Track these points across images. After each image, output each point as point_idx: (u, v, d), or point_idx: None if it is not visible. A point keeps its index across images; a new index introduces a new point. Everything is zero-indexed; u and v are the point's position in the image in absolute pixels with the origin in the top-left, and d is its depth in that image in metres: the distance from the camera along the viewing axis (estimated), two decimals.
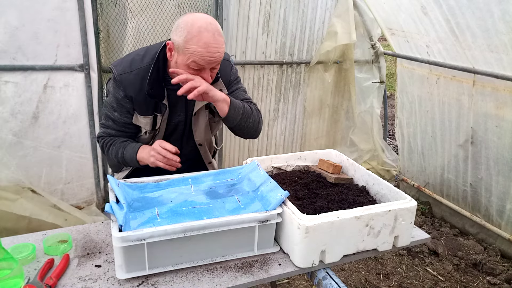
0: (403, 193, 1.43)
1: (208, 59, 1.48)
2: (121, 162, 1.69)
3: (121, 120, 1.68)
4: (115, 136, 1.71)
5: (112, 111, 1.67)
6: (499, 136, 2.85)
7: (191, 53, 1.47)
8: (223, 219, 1.24)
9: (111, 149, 1.69)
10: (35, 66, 2.68)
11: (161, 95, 1.62)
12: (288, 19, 3.53)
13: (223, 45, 1.52)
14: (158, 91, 1.61)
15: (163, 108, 1.65)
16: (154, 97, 1.60)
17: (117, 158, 1.68)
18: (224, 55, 1.74)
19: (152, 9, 2.88)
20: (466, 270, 2.87)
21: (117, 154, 1.67)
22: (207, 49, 1.46)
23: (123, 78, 1.60)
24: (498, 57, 2.66)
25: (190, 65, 1.50)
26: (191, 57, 1.47)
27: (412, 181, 3.85)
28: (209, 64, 1.50)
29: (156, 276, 1.22)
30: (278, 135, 3.92)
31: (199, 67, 1.50)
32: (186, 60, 1.49)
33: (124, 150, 1.65)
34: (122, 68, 1.62)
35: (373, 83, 4.02)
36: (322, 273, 1.31)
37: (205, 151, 1.85)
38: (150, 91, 1.58)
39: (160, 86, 1.62)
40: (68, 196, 3.00)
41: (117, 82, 1.62)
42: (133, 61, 1.62)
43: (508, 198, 2.88)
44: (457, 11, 2.68)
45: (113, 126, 1.69)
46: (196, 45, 1.45)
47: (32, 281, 1.16)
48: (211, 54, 1.47)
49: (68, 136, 2.89)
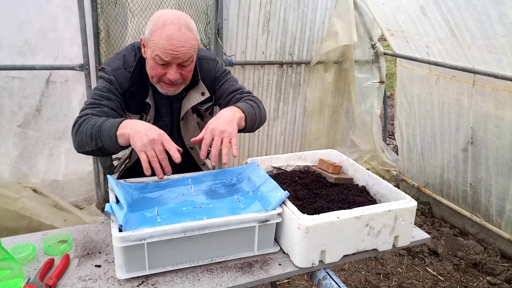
0: (403, 193, 1.42)
1: (170, 52, 1.40)
2: (94, 135, 1.36)
3: (109, 106, 1.50)
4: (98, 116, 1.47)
5: (100, 98, 1.50)
6: (498, 136, 2.85)
7: (155, 45, 1.41)
8: (223, 219, 1.24)
9: (89, 123, 1.40)
10: (36, 66, 2.68)
11: (144, 94, 1.57)
12: (288, 19, 3.53)
13: (191, 40, 1.43)
14: (140, 89, 1.55)
15: (147, 107, 1.61)
16: (135, 95, 1.55)
17: (92, 129, 1.37)
18: (208, 55, 1.71)
19: (152, 9, 2.88)
20: (466, 270, 2.87)
21: (94, 124, 1.37)
22: (169, 41, 1.39)
23: (117, 74, 1.55)
24: (497, 58, 2.67)
25: (155, 60, 1.43)
26: (155, 50, 1.41)
27: (412, 181, 3.85)
28: (173, 59, 1.42)
29: (156, 276, 1.22)
30: (278, 135, 3.92)
31: (164, 62, 1.43)
32: (151, 54, 1.44)
33: (107, 120, 1.39)
34: (115, 64, 1.57)
35: (373, 83, 4.02)
36: (322, 273, 1.31)
37: (197, 154, 1.82)
38: (131, 88, 1.53)
39: (144, 84, 1.56)
40: (67, 192, 3.02)
41: (111, 78, 1.54)
42: (124, 59, 1.58)
43: (508, 198, 2.88)
44: (455, 12, 2.68)
45: (97, 110, 1.46)
46: (159, 37, 1.39)
47: (32, 281, 1.16)
48: (174, 48, 1.39)
49: (69, 128, 2.91)
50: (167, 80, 1.49)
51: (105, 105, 1.49)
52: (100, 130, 1.35)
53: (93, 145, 1.39)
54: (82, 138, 1.40)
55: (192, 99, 1.64)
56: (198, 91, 1.62)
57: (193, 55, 1.49)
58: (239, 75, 3.50)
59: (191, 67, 1.52)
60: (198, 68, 1.63)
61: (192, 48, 1.46)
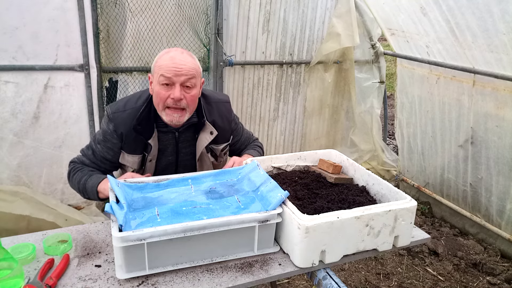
0: (403, 193, 1.42)
1: (173, 69, 1.52)
2: (81, 189, 1.65)
3: (100, 154, 1.69)
4: (88, 166, 1.71)
5: (96, 143, 1.70)
6: (499, 136, 2.85)
7: (159, 68, 1.54)
8: (223, 219, 1.24)
9: (77, 174, 1.66)
10: (35, 66, 2.68)
11: (148, 134, 1.66)
12: (288, 19, 3.53)
13: (193, 63, 1.58)
14: (146, 129, 1.65)
15: (148, 147, 1.68)
16: (140, 134, 1.64)
17: (79, 185, 1.64)
18: (223, 98, 1.86)
19: (152, 9, 2.88)
20: (466, 270, 2.87)
21: (80, 180, 1.64)
22: (172, 60, 1.54)
23: (116, 116, 1.65)
24: (498, 57, 2.66)
25: (161, 82, 1.55)
26: (159, 71, 1.54)
27: (412, 181, 3.85)
28: (176, 75, 1.53)
29: (156, 276, 1.22)
30: (278, 135, 3.92)
31: (169, 82, 1.54)
32: (157, 79, 1.56)
33: (89, 178, 1.63)
34: (116, 108, 1.67)
35: (373, 83, 4.02)
36: (322, 273, 1.31)
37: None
38: (137, 127, 1.63)
39: (150, 126, 1.66)
40: (68, 196, 3.00)
41: (110, 119, 1.66)
42: (128, 102, 1.69)
43: (508, 198, 2.88)
44: (456, 11, 2.68)
45: (90, 157, 1.70)
46: (163, 60, 1.55)
47: (32, 281, 1.16)
48: (176, 65, 1.52)
49: (69, 136, 2.90)
50: (171, 102, 1.56)
51: (97, 152, 1.69)
52: (85, 187, 1.61)
53: (81, 195, 1.67)
54: (73, 186, 1.69)
55: (203, 140, 1.75)
56: (207, 132, 1.73)
57: (196, 79, 1.60)
58: (239, 75, 3.50)
59: (194, 92, 1.60)
60: (205, 110, 1.73)
61: (194, 69, 1.57)
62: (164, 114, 1.61)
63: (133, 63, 2.97)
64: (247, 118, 3.68)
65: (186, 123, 1.69)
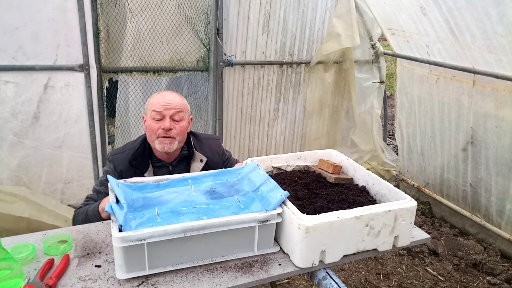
0: (403, 193, 1.42)
1: (163, 104, 1.69)
2: (84, 220, 1.66)
3: (104, 194, 1.74)
4: None
5: (100, 185, 1.78)
6: (499, 136, 2.85)
7: (152, 105, 1.72)
8: (223, 219, 1.24)
9: (80, 211, 1.69)
10: (35, 66, 2.68)
11: (144, 168, 1.76)
12: (288, 19, 3.53)
13: (181, 101, 1.75)
14: (141, 163, 1.77)
15: None
16: (136, 168, 1.75)
17: (82, 216, 1.66)
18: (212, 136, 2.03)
19: (152, 9, 2.88)
20: (466, 270, 2.87)
21: (83, 213, 1.67)
22: (163, 98, 1.72)
23: (115, 157, 1.79)
24: (497, 58, 2.67)
25: (152, 117, 1.70)
26: (151, 108, 1.70)
27: (412, 181, 3.85)
28: (166, 109, 1.69)
29: (156, 276, 1.22)
30: (278, 135, 3.92)
31: (160, 116, 1.69)
32: (150, 115, 1.71)
33: (90, 207, 1.67)
34: (116, 150, 1.83)
35: (373, 83, 4.02)
36: (322, 273, 1.31)
37: None
38: (133, 162, 1.75)
39: (145, 161, 1.78)
40: (68, 196, 3.00)
41: (110, 160, 1.80)
42: (126, 145, 1.85)
43: (508, 198, 2.88)
44: (455, 12, 2.68)
45: (95, 198, 1.76)
46: (154, 99, 1.74)
47: (32, 281, 1.16)
48: (166, 101, 1.70)
49: (69, 136, 2.90)
50: (162, 131, 1.70)
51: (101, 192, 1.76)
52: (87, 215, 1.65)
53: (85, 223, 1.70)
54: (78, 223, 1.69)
55: (195, 169, 1.84)
56: (197, 160, 1.85)
57: (184, 113, 1.75)
58: (239, 75, 3.50)
59: (183, 124, 1.75)
60: (195, 144, 1.88)
61: (182, 105, 1.74)
62: (156, 143, 1.72)
63: (133, 63, 2.96)
64: (247, 118, 3.68)
65: (178, 156, 1.81)
